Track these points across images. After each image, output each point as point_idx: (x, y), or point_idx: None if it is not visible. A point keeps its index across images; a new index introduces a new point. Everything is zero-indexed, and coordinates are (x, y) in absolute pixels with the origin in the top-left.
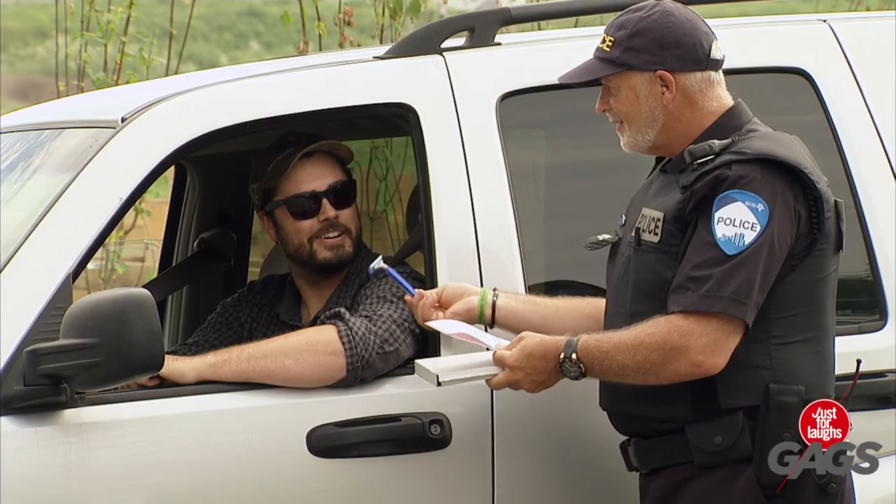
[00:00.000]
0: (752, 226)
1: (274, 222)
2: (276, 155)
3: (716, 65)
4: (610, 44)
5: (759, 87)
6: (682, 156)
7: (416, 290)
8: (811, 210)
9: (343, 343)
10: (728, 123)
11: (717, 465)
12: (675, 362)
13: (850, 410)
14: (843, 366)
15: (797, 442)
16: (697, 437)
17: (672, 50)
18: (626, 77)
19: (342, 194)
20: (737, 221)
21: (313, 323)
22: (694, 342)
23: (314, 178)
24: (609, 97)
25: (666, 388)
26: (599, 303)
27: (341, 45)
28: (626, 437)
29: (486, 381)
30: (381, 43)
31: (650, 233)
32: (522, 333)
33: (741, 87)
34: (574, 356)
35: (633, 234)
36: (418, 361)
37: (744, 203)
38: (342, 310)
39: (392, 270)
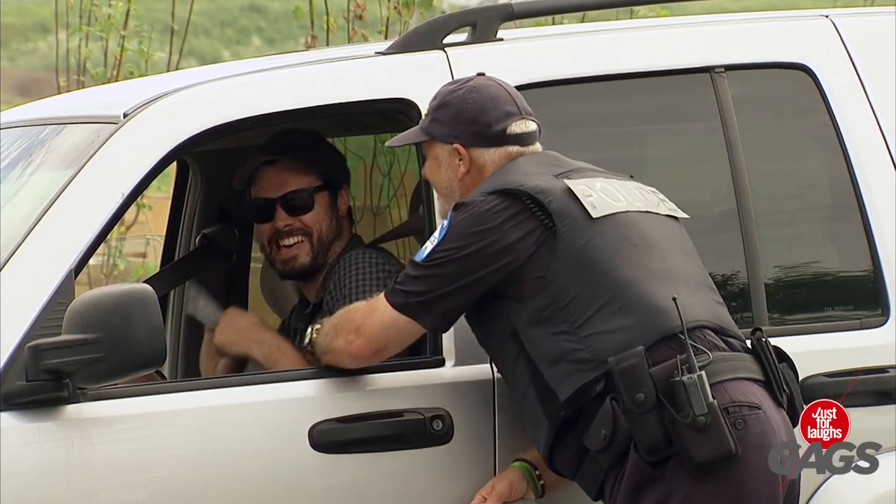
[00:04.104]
0: (433, 240)
1: None
2: (252, 159)
3: (517, 140)
4: (427, 113)
5: (761, 82)
6: None
7: None
8: (532, 209)
9: None
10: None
11: (618, 459)
12: (340, 338)
13: (851, 406)
14: (846, 362)
15: (653, 392)
16: (590, 442)
17: (467, 126)
18: (432, 147)
19: (299, 202)
20: (432, 237)
21: (313, 311)
22: (362, 322)
23: (270, 186)
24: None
25: (534, 420)
26: None
27: (350, 40)
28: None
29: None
30: (387, 38)
31: None
32: None
33: (743, 83)
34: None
35: None
36: None
37: (443, 222)
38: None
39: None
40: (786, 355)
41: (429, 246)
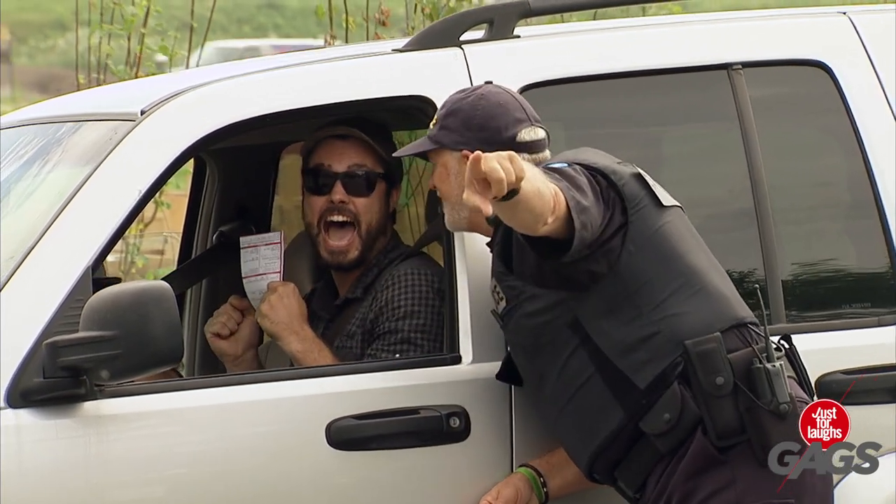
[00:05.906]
0: (554, 162)
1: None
2: (322, 130)
3: (526, 147)
4: (434, 121)
5: (778, 80)
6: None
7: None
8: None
9: None
10: None
11: (679, 444)
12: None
13: (868, 404)
14: (863, 359)
15: (731, 377)
16: (650, 426)
17: (476, 132)
18: (441, 154)
19: (360, 182)
20: (553, 162)
21: (344, 304)
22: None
23: (336, 157)
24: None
25: (594, 413)
26: None
27: (369, 40)
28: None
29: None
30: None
31: (497, 303)
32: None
33: (760, 80)
34: None
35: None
36: None
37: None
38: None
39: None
40: None
41: (556, 164)
